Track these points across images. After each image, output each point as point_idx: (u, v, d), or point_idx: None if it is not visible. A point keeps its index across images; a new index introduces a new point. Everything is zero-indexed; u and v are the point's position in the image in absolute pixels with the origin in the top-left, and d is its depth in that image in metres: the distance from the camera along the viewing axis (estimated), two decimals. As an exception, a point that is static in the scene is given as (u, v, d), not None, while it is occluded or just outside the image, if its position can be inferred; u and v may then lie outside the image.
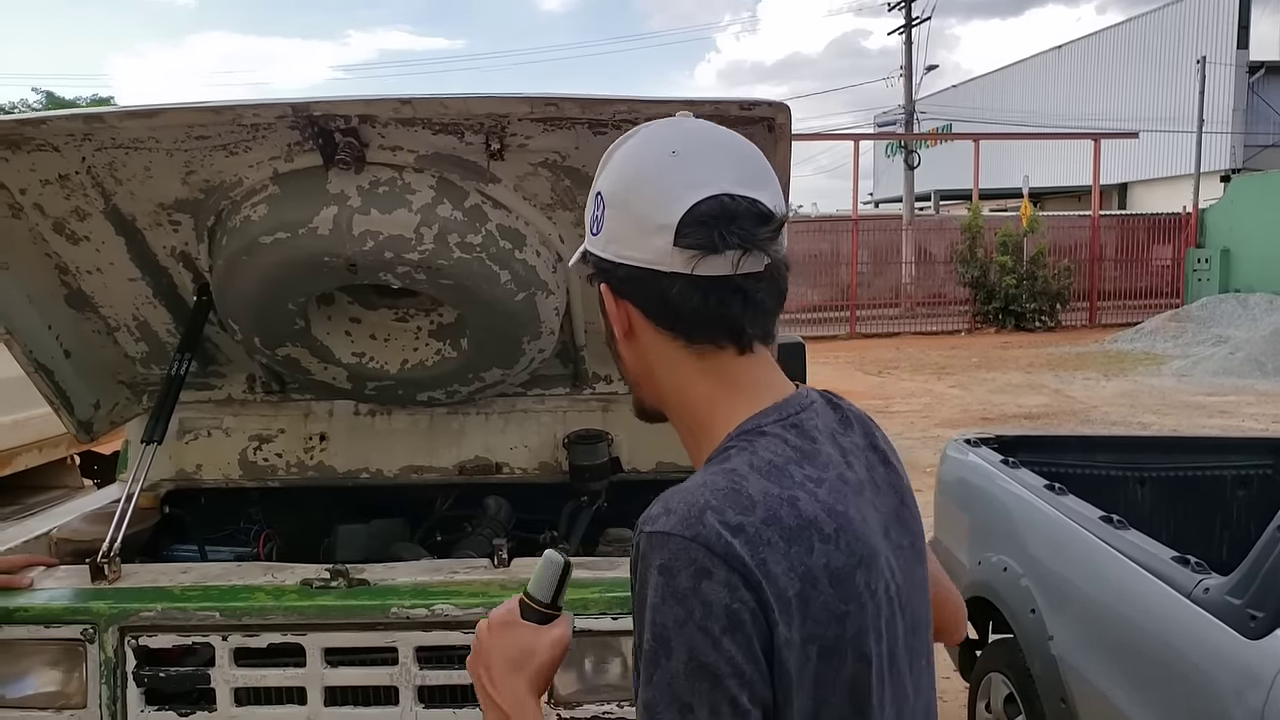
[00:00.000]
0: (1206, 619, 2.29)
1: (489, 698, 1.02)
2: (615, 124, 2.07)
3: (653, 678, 0.87)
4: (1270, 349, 13.49)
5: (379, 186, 2.11)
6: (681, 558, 0.87)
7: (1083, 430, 9.30)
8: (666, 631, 0.86)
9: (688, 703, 0.85)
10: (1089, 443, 4.24)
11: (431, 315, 2.58)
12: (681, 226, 0.95)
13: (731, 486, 0.92)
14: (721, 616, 0.86)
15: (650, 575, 0.88)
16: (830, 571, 0.91)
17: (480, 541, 2.51)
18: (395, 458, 2.86)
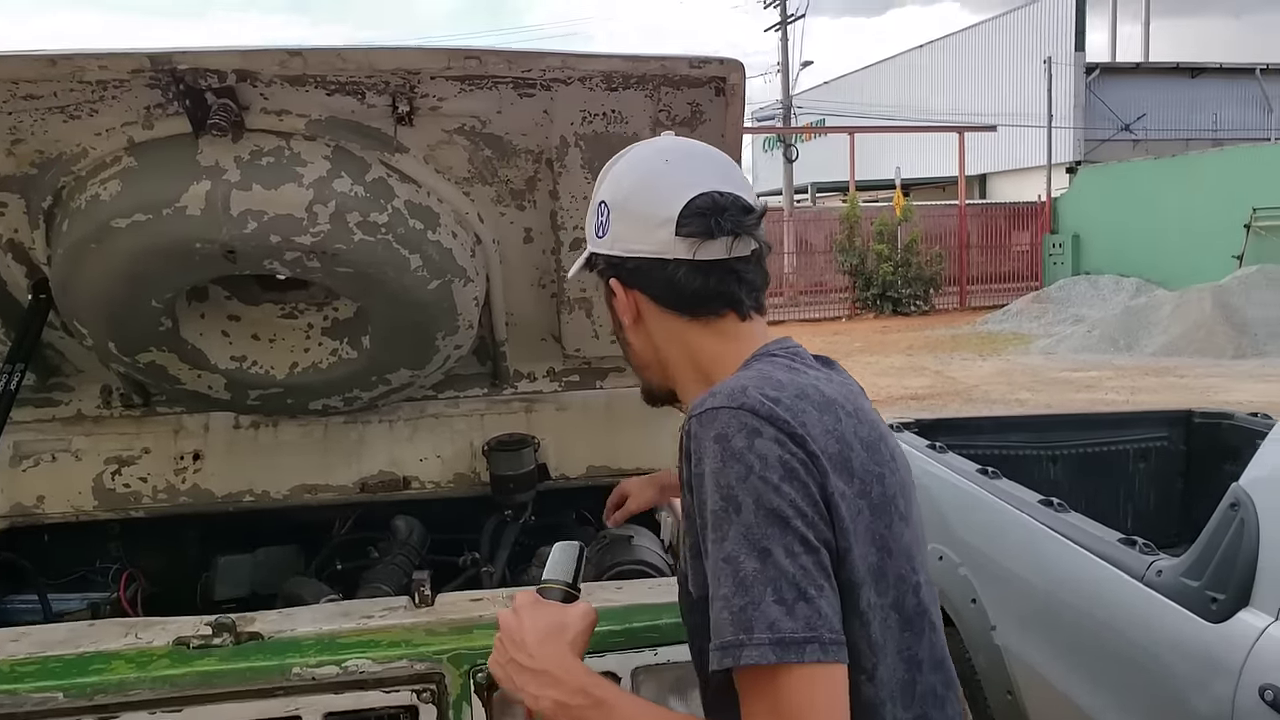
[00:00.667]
0: (1162, 602, 2.19)
1: (532, 672, 1.06)
2: (545, 83, 1.79)
3: (728, 534, 0.97)
4: (1123, 327, 14.21)
5: (262, 157, 1.77)
6: (733, 424, 1.00)
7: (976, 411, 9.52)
8: (732, 490, 0.97)
9: (765, 548, 0.95)
10: (1003, 423, 4.20)
11: (326, 310, 2.24)
12: (681, 219, 1.13)
13: (761, 375, 1.08)
14: (778, 466, 0.98)
15: (707, 447, 1.01)
16: (860, 438, 1.07)
17: (392, 572, 2.18)
18: (284, 476, 2.49)
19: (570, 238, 2.12)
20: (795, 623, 0.93)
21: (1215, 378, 11.14)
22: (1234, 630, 1.96)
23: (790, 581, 0.94)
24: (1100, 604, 2.43)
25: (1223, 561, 2.02)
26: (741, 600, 0.94)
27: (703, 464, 1.00)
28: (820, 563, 0.97)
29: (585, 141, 1.91)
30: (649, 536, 2.17)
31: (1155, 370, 11.98)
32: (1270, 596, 1.91)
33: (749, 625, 0.93)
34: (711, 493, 0.98)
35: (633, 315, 1.19)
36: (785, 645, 0.92)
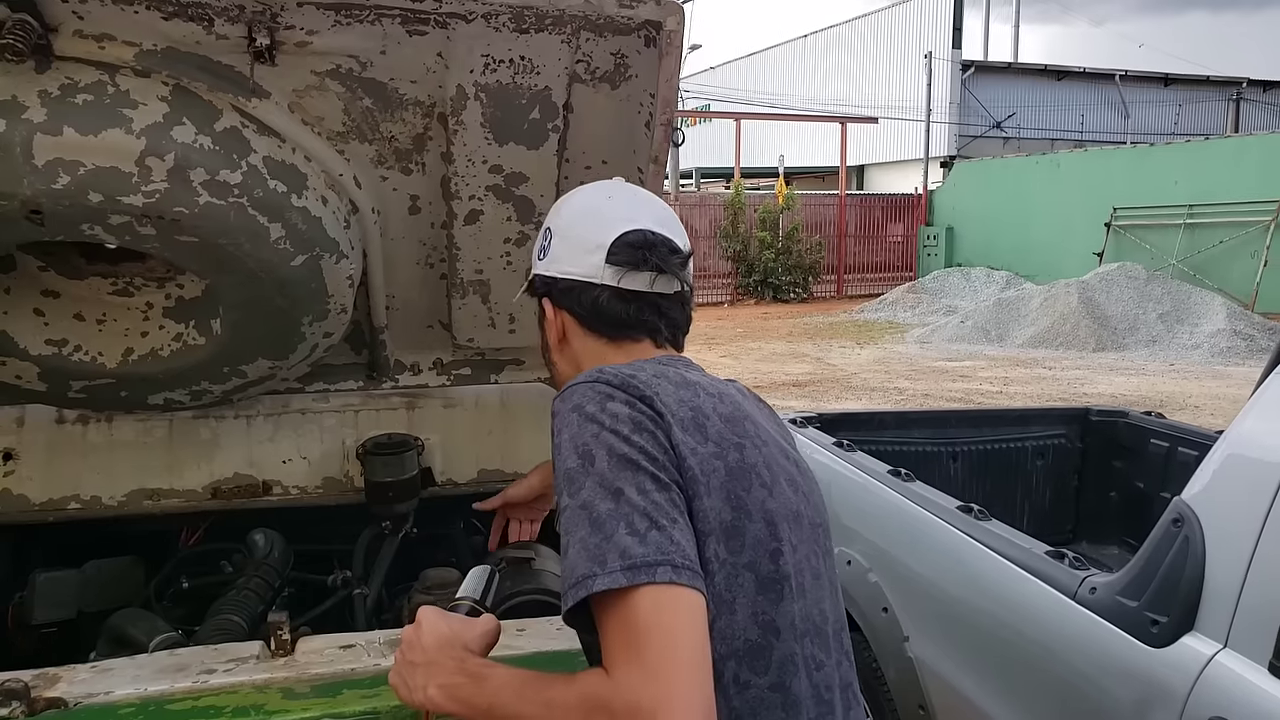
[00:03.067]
0: (1096, 623, 2.06)
1: (422, 667, 1.08)
2: (440, 19, 1.48)
3: (584, 484, 1.02)
4: (994, 318, 14.67)
5: (76, 93, 1.40)
6: (589, 393, 1.09)
7: (857, 399, 9.60)
8: (587, 445, 1.04)
9: (618, 488, 1.00)
10: (904, 419, 4.12)
11: (168, 287, 1.87)
12: (612, 247, 1.24)
13: (630, 365, 1.17)
14: (627, 421, 1.06)
15: (565, 418, 1.09)
16: (718, 413, 1.13)
17: (246, 600, 1.84)
18: (119, 480, 2.11)
19: (465, 209, 1.82)
20: (646, 548, 0.96)
21: (1080, 370, 11.58)
22: (1178, 656, 1.83)
23: (642, 513, 0.98)
24: (1026, 620, 2.30)
25: (1165, 581, 1.90)
26: (596, 538, 0.97)
27: (560, 433, 1.07)
28: (673, 500, 1.02)
29: (487, 94, 1.62)
30: (552, 557, 1.90)
31: (1025, 361, 12.39)
32: (1217, 621, 1.79)
33: (601, 558, 0.96)
34: (569, 455, 1.04)
35: (558, 334, 1.28)
36: (636, 569, 0.95)
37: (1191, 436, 3.51)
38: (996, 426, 4.09)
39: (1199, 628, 1.82)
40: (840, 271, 22.09)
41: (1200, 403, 9.31)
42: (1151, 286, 14.02)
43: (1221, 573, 1.81)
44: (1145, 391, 9.95)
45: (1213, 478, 1.93)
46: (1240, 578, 1.77)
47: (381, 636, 1.48)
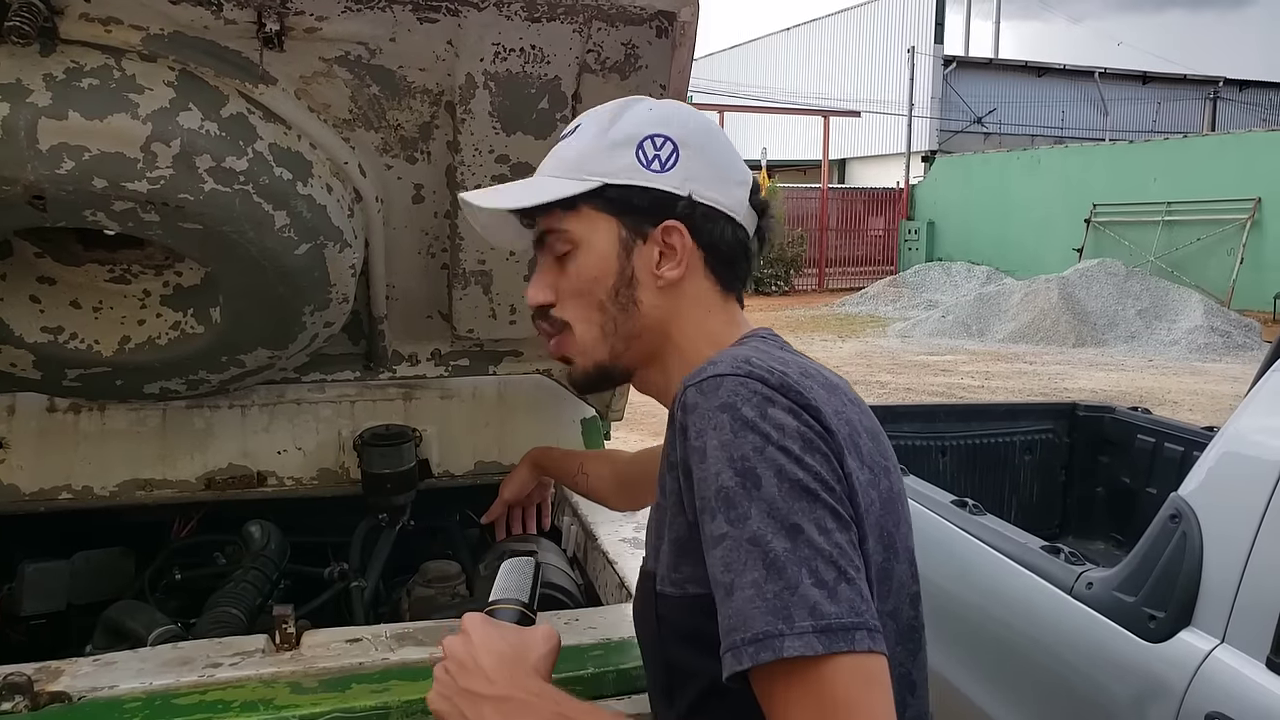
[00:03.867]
0: (1093, 618, 2.08)
1: (494, 701, 0.90)
2: (451, 7, 1.47)
3: (749, 512, 0.84)
4: (975, 312, 14.78)
5: (81, 78, 1.37)
6: (742, 392, 0.88)
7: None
8: (749, 461, 0.85)
9: (794, 524, 0.83)
10: (894, 413, 4.13)
11: (167, 275, 1.84)
12: (754, 186, 1.10)
13: (759, 350, 0.98)
14: (796, 436, 0.86)
15: (709, 418, 0.88)
16: (864, 427, 0.96)
17: (245, 592, 1.82)
18: (112, 470, 2.08)
19: (470, 200, 1.80)
20: (839, 606, 0.81)
21: (1061, 365, 11.68)
22: (1175, 651, 1.85)
23: (827, 559, 0.82)
24: (1021, 616, 2.31)
25: (1162, 577, 1.92)
26: (775, 585, 0.81)
27: (704, 436, 0.88)
28: (853, 541, 0.86)
29: (496, 83, 1.60)
30: (553, 550, 1.89)
31: (1006, 356, 12.48)
32: (1215, 616, 1.81)
33: (787, 613, 0.80)
34: (721, 468, 0.86)
35: (680, 271, 1.05)
36: (832, 633, 0.80)
37: (1177, 432, 3.55)
38: (985, 421, 4.12)
39: (1196, 623, 1.84)
40: (822, 265, 22.17)
41: (1179, 398, 9.42)
42: (1130, 283, 14.16)
43: (1219, 568, 1.83)
44: (1125, 387, 10.06)
45: (1209, 474, 1.95)
46: (1238, 573, 1.79)
47: (388, 630, 1.47)
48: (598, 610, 1.61)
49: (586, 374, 1.10)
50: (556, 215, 1.05)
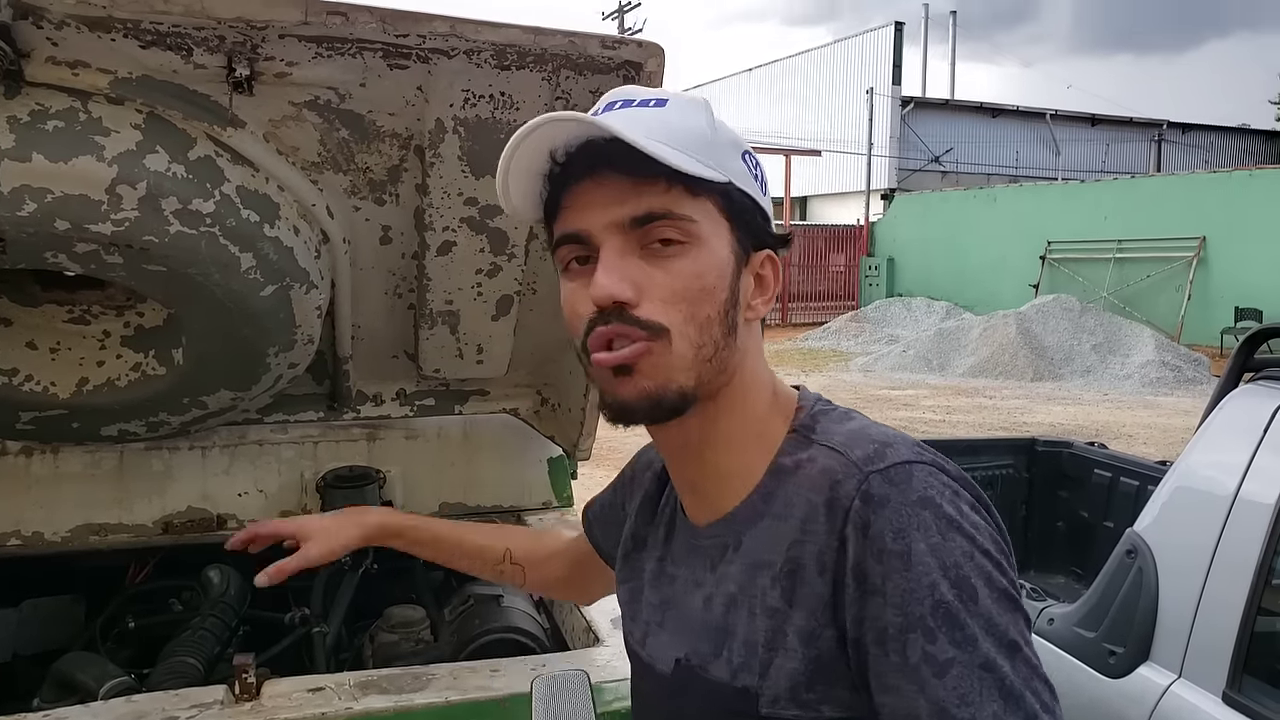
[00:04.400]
0: (1055, 654, 2.10)
1: None
2: (423, 54, 1.48)
3: (973, 631, 0.73)
4: (935, 347, 14.97)
5: (47, 119, 1.37)
6: (935, 484, 0.77)
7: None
8: (962, 569, 0.74)
9: (1011, 640, 0.74)
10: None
11: (128, 315, 1.82)
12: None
13: (873, 422, 0.87)
14: (990, 537, 0.77)
15: (909, 515, 0.75)
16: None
17: (203, 640, 1.79)
18: (65, 514, 2.04)
19: (439, 240, 1.81)
20: None
21: (1019, 399, 11.85)
22: (1135, 687, 1.88)
23: (1041, 678, 0.75)
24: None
25: (1120, 612, 1.95)
26: (1015, 717, 0.72)
27: (907, 537, 0.74)
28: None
29: (465, 128, 1.61)
30: (520, 594, 1.88)
31: (966, 390, 12.64)
32: (1172, 651, 1.84)
33: None
34: (936, 578, 0.73)
35: (770, 296, 0.90)
36: None
37: (1133, 467, 3.62)
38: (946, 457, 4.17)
39: (1154, 658, 1.87)
40: (785, 300, 22.38)
41: (1134, 431, 9.59)
42: (1085, 318, 14.44)
43: (1174, 603, 1.87)
44: (1082, 421, 10.22)
45: (1163, 509, 1.99)
46: (1193, 608, 1.82)
47: (351, 679, 1.45)
48: (564, 655, 1.60)
49: (657, 399, 0.82)
50: (677, 195, 0.81)
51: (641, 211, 0.81)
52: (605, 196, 0.81)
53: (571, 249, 0.84)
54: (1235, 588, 1.76)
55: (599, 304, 0.80)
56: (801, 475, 0.82)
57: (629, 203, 0.81)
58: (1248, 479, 1.83)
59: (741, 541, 0.84)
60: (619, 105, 0.85)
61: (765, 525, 0.83)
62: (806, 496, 0.80)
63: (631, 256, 0.82)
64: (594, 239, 0.82)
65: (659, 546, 0.97)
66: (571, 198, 0.83)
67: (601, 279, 0.80)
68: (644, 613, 0.95)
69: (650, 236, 0.81)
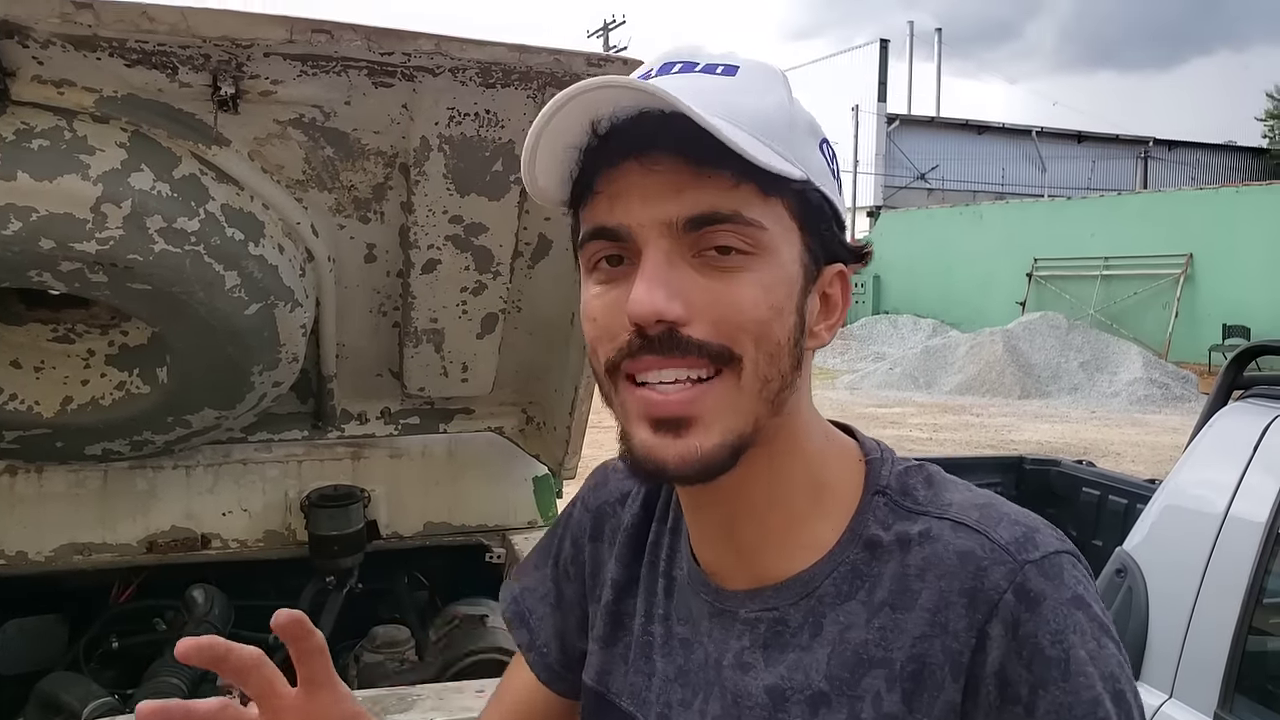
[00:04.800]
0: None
1: None
2: (408, 72, 1.48)
3: None
4: (921, 365, 15.03)
5: (32, 138, 1.36)
6: (1082, 579, 0.66)
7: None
8: (1119, 683, 0.63)
9: None
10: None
11: (112, 334, 1.81)
12: None
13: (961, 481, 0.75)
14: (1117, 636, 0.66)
15: (1066, 617, 0.63)
16: None
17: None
18: (48, 534, 2.02)
19: (424, 258, 1.81)
20: None
21: (1006, 417, 11.89)
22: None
23: None
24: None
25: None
26: None
27: (1065, 642, 0.62)
28: None
29: (450, 146, 1.61)
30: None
31: (953, 408, 12.68)
32: (1163, 671, 1.84)
33: None
34: (1098, 691, 0.62)
35: (838, 320, 0.74)
36: None
37: (1121, 485, 3.62)
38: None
39: (1145, 678, 1.87)
40: (772, 317, 22.47)
41: (1122, 449, 9.63)
42: (1072, 335, 14.52)
43: (1165, 622, 1.86)
44: (1069, 439, 10.26)
45: (1152, 528, 1.99)
46: (1183, 627, 1.82)
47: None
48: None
49: (708, 462, 0.66)
50: (747, 194, 0.65)
51: (702, 210, 0.64)
52: (656, 186, 0.65)
53: (603, 246, 0.67)
54: (1226, 607, 1.76)
55: (639, 322, 0.64)
56: (919, 554, 0.68)
57: (686, 197, 0.64)
58: (1238, 497, 1.84)
59: (823, 626, 0.69)
60: (678, 68, 0.69)
61: (862, 609, 0.68)
62: (937, 583, 0.66)
63: (682, 265, 0.65)
64: (636, 238, 0.65)
65: (658, 602, 0.80)
66: (610, 182, 0.66)
67: (644, 293, 0.64)
68: (654, 686, 0.78)
69: (707, 242, 0.65)
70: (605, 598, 0.83)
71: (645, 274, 0.64)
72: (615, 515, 0.86)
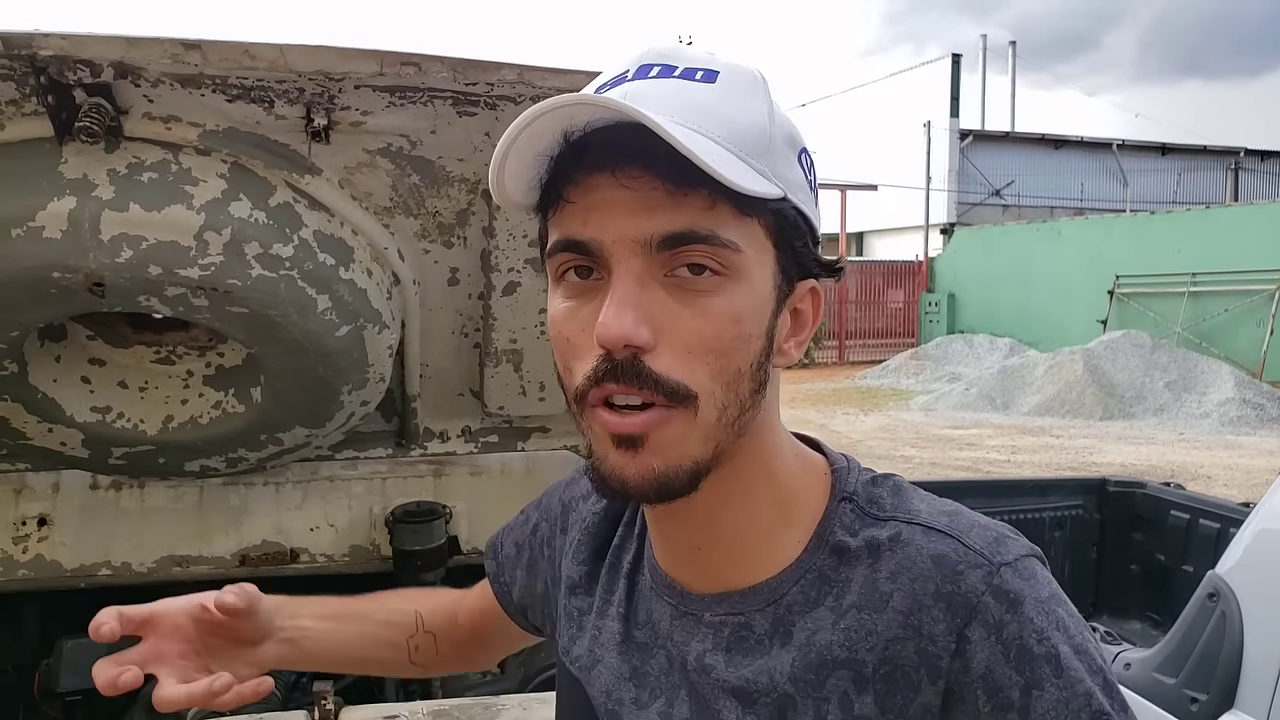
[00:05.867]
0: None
1: None
2: (490, 101, 1.54)
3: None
4: (998, 385, 14.69)
5: (142, 172, 1.45)
6: (1049, 576, 0.68)
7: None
8: (1106, 674, 0.64)
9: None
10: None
11: (209, 356, 1.90)
12: None
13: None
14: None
15: (1048, 614, 0.65)
16: None
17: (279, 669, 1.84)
18: (150, 546, 2.12)
19: (504, 280, 1.86)
20: None
21: (1088, 439, 11.56)
22: (1218, 733, 1.82)
23: None
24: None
25: (1203, 658, 1.89)
26: None
27: (1050, 640, 0.64)
28: None
29: (532, 173, 1.66)
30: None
31: (1031, 430, 12.37)
32: (1258, 698, 1.78)
33: None
34: (1090, 686, 0.63)
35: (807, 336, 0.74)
36: None
37: (1212, 508, 3.51)
38: (1013, 497, 4.08)
39: (1239, 705, 1.81)
40: (841, 337, 22.21)
41: (1213, 473, 9.28)
42: (1158, 354, 14.06)
43: (1261, 648, 1.81)
44: (1155, 461, 9.92)
45: (1247, 551, 1.93)
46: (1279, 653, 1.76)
47: (425, 707, 1.48)
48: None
49: (666, 482, 0.66)
50: (722, 214, 0.64)
51: (678, 229, 0.63)
52: (629, 203, 0.63)
53: (572, 258, 0.66)
54: (1322, 632, 1.71)
55: (607, 346, 0.63)
56: (890, 559, 0.68)
57: (660, 216, 0.63)
58: (1333, 519, 1.78)
59: (792, 632, 0.69)
60: (656, 71, 0.66)
61: (830, 614, 0.69)
62: (910, 586, 0.66)
63: (653, 285, 0.65)
64: (606, 254, 0.64)
65: (617, 602, 0.80)
66: (582, 193, 0.65)
67: (613, 318, 0.63)
68: (605, 680, 0.79)
69: (680, 260, 0.64)
70: (561, 593, 0.86)
71: (615, 296, 0.63)
72: (578, 511, 0.89)
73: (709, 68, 0.67)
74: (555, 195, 0.66)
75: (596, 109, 0.62)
